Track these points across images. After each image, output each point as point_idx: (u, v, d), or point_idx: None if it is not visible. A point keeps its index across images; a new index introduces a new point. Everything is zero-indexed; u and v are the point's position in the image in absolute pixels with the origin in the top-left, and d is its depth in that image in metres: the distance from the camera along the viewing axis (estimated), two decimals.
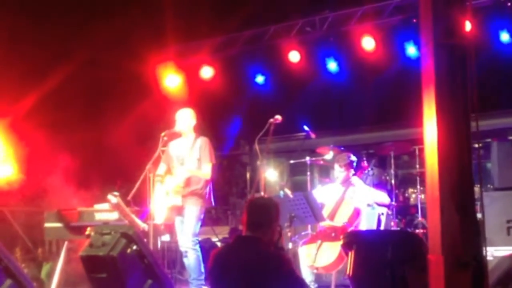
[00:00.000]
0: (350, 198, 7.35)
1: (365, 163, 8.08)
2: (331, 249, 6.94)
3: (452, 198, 3.98)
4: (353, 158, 7.55)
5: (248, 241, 4.37)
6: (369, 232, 6.74)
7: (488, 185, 7.94)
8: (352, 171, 7.50)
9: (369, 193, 7.48)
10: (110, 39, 10.17)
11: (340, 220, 7.18)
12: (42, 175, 8.83)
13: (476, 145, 4.25)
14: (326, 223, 7.17)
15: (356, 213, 7.24)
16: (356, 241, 4.85)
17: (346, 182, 7.45)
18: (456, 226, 3.94)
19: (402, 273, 4.42)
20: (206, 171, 7.10)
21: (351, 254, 4.78)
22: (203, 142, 7.17)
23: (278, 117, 7.21)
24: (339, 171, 7.51)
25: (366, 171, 8.00)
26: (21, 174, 8.35)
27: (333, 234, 7.07)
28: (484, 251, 4.00)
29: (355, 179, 7.50)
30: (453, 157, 4.01)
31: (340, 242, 5.65)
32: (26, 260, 9.12)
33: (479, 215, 4.22)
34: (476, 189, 4.30)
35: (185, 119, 7.26)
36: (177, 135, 7.32)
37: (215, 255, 4.43)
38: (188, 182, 7.04)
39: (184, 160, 7.16)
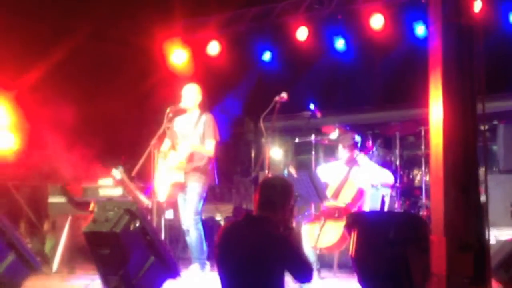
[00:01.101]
0: (354, 178, 7.32)
1: (370, 143, 8.03)
2: (334, 229, 6.93)
3: (455, 179, 3.95)
4: (357, 138, 7.50)
5: (257, 220, 4.35)
6: (372, 213, 6.73)
7: (494, 168, 7.89)
8: (357, 152, 7.45)
9: (374, 171, 7.44)
10: (117, 12, 10.10)
11: (344, 200, 7.16)
12: (46, 148, 8.82)
13: (483, 127, 4.21)
14: (329, 203, 7.15)
15: (360, 193, 7.21)
16: (359, 221, 4.83)
17: (351, 162, 7.41)
18: (459, 208, 3.93)
19: (404, 255, 4.40)
20: (209, 147, 7.06)
21: (354, 235, 4.77)
22: (207, 119, 7.14)
23: (284, 95, 7.15)
24: (342, 152, 7.47)
25: (370, 152, 7.96)
26: (24, 144, 8.34)
27: (336, 214, 7.05)
28: (487, 234, 3.98)
29: (361, 157, 7.44)
30: (458, 138, 3.99)
31: (343, 223, 5.63)
32: (30, 234, 9.16)
33: (483, 198, 4.18)
34: (481, 171, 4.26)
35: (191, 95, 7.23)
36: (182, 111, 7.27)
37: (223, 231, 4.43)
38: (191, 158, 7.01)
39: (188, 136, 7.13)
